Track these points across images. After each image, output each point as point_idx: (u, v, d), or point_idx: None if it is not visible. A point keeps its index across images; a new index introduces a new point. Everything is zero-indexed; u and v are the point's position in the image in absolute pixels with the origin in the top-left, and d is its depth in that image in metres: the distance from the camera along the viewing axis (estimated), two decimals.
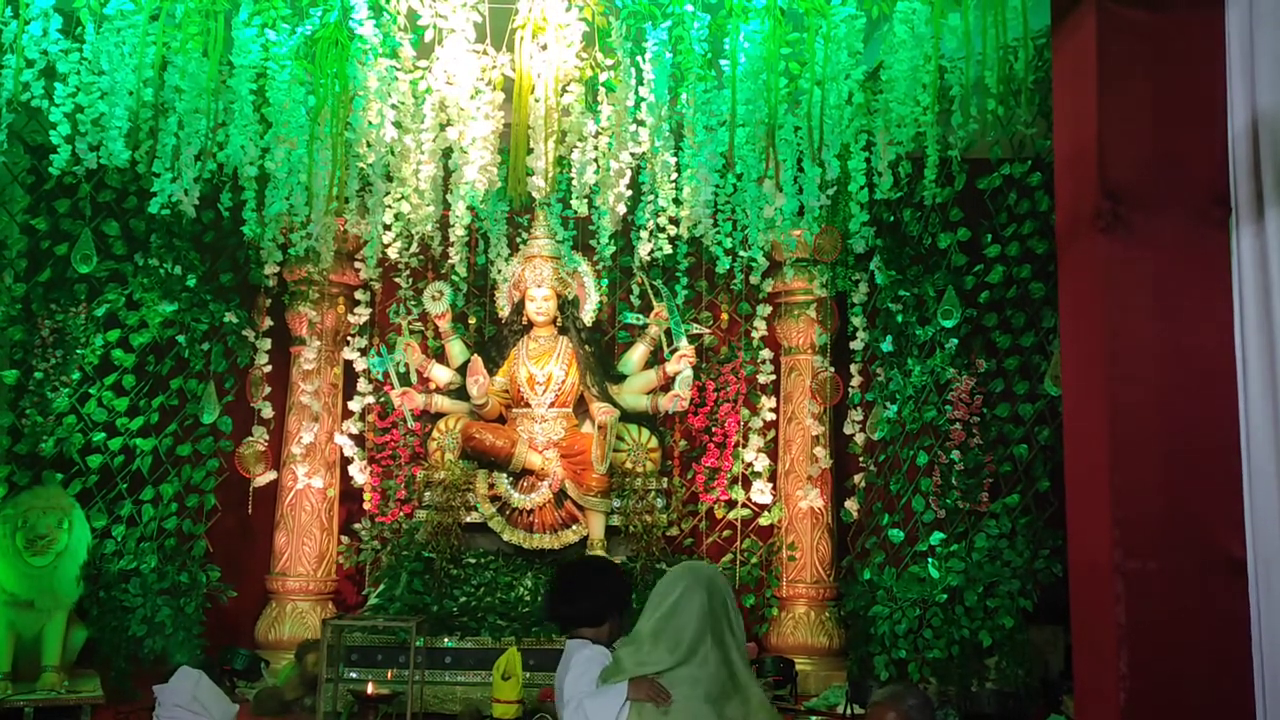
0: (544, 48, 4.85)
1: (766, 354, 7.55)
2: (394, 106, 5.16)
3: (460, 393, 7.12)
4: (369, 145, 5.22)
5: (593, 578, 3.90)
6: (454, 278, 7.27)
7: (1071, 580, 3.37)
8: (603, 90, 5.13)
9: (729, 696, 3.39)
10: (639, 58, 5.05)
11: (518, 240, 7.30)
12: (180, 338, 6.96)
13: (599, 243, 5.74)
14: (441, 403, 7.21)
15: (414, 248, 6.47)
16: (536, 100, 4.87)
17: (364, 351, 7.57)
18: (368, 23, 4.92)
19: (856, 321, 7.27)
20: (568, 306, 7.22)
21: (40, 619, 6.22)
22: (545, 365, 7.06)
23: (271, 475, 7.39)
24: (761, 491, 7.36)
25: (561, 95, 4.96)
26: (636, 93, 5.07)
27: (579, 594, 3.78)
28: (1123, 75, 3.26)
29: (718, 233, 5.72)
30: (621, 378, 7.21)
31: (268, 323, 7.45)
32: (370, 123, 5.13)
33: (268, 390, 7.44)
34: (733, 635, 3.45)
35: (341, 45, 4.88)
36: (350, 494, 7.60)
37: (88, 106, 4.85)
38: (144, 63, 4.78)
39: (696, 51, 4.98)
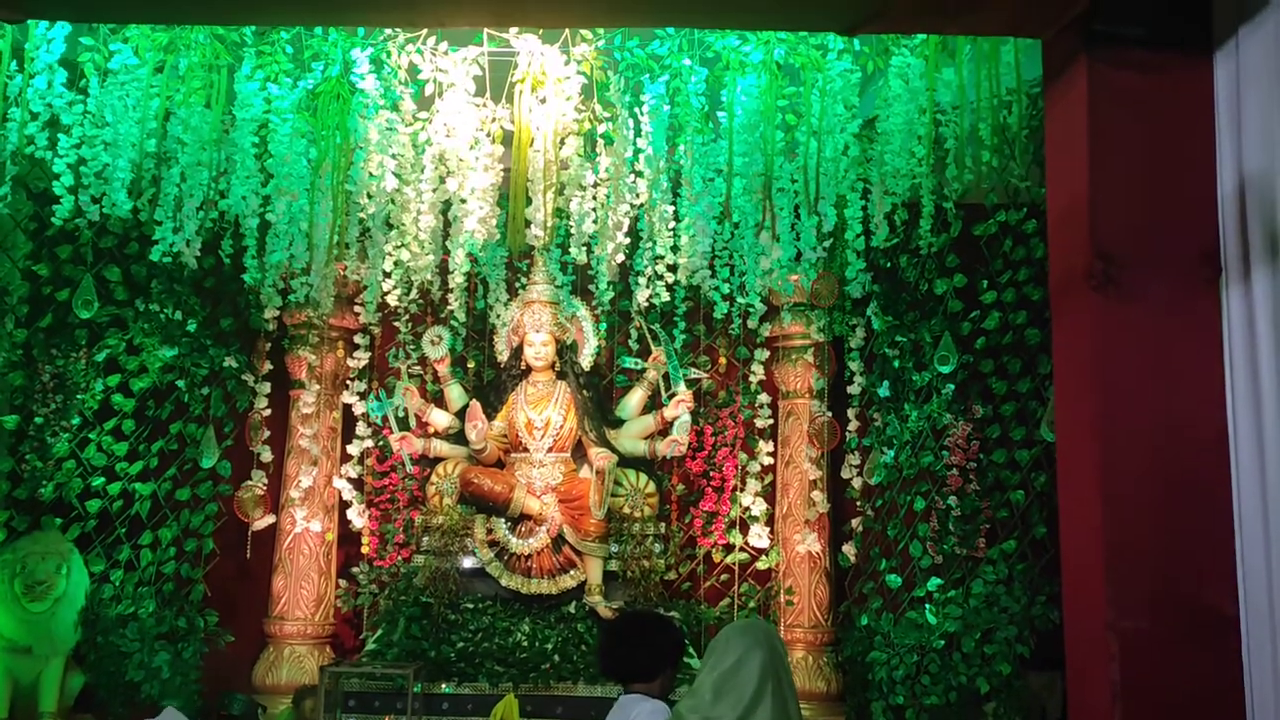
0: (543, 101, 4.92)
1: (764, 398, 7.56)
2: (394, 158, 5.23)
3: (459, 437, 7.13)
4: (369, 196, 5.28)
5: (651, 631, 3.90)
6: (453, 322, 7.28)
7: (1066, 638, 3.38)
8: (601, 142, 5.19)
9: None
10: (637, 110, 5.12)
11: (517, 285, 7.34)
12: (180, 382, 6.97)
13: (597, 288, 5.79)
14: (440, 447, 7.22)
15: (413, 293, 6.52)
16: (536, 152, 4.93)
17: (363, 395, 7.58)
18: (369, 77, 5.00)
19: (854, 366, 7.29)
20: (566, 351, 7.25)
21: (38, 665, 6.24)
22: (543, 410, 7.08)
23: (270, 519, 7.39)
24: (759, 535, 7.36)
25: (560, 147, 5.03)
26: (635, 144, 5.15)
27: (638, 647, 3.80)
28: (1113, 137, 3.31)
29: (715, 279, 5.77)
30: (619, 422, 7.23)
31: (267, 366, 7.46)
32: (371, 174, 5.20)
33: (267, 434, 7.44)
34: (789, 689, 3.45)
35: (343, 99, 4.96)
36: (348, 538, 7.60)
37: (91, 159, 4.91)
38: (147, 115, 4.85)
39: (694, 104, 5.06)
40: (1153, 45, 3.38)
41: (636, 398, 7.31)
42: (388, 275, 5.79)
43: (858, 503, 7.27)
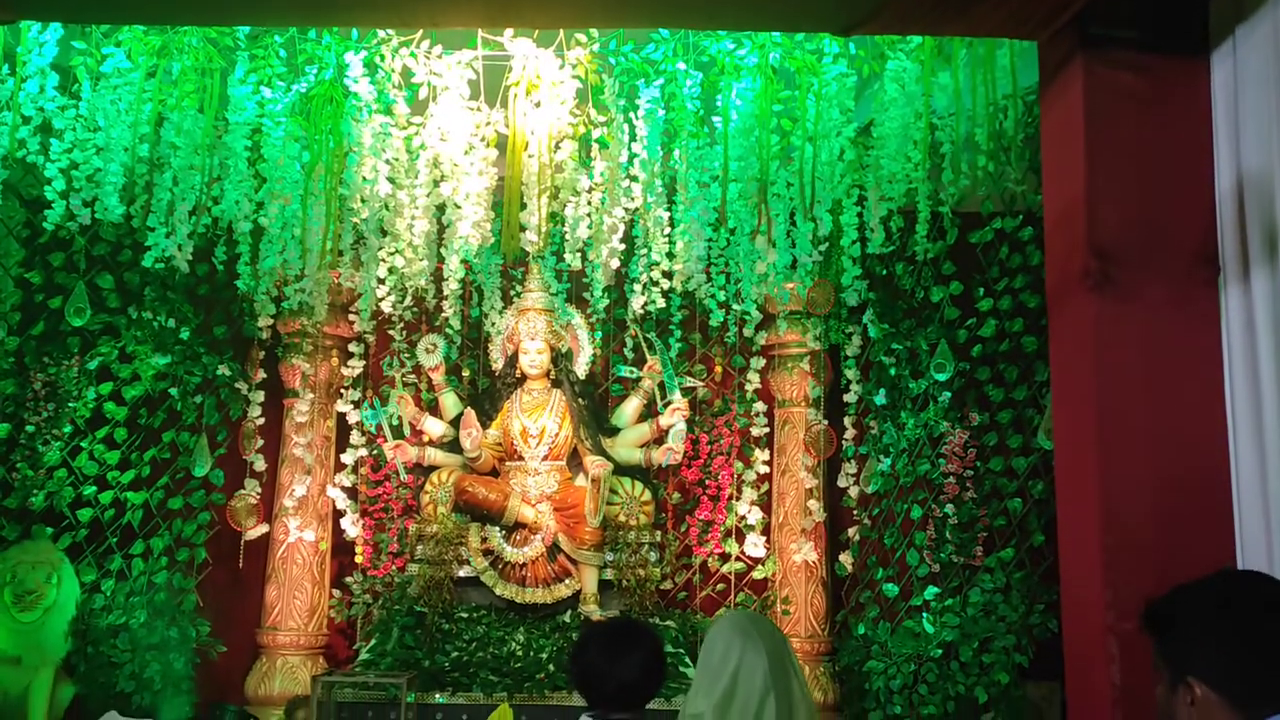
0: (538, 105, 4.90)
1: (760, 406, 7.51)
2: (388, 162, 5.21)
3: (453, 446, 7.09)
4: (363, 200, 5.25)
5: (656, 648, 3.12)
6: (448, 330, 7.26)
7: (1065, 641, 3.35)
8: (596, 146, 5.17)
9: None
10: (632, 114, 5.10)
11: (512, 293, 7.31)
12: (173, 390, 6.93)
13: (592, 296, 5.75)
14: (434, 456, 7.18)
15: (408, 301, 6.48)
16: (530, 156, 4.90)
17: (357, 404, 7.53)
18: (362, 80, 4.97)
19: (850, 374, 7.24)
20: (561, 359, 7.21)
21: (27, 675, 6.18)
22: (538, 418, 7.04)
23: (263, 528, 7.33)
24: (755, 545, 7.32)
25: (555, 151, 5.00)
26: (629, 149, 5.12)
27: (650, 668, 3.05)
28: (1110, 137, 3.30)
29: (711, 286, 5.74)
30: (615, 431, 7.19)
31: (261, 375, 7.40)
32: (364, 178, 5.17)
33: (260, 443, 7.39)
34: (797, 681, 2.98)
35: (336, 102, 4.94)
36: (342, 547, 7.54)
37: (83, 163, 4.88)
38: (140, 119, 4.82)
39: (689, 109, 5.04)
40: (1149, 46, 3.36)
41: (632, 406, 7.27)
42: (382, 282, 5.76)
43: (854, 511, 7.23)
